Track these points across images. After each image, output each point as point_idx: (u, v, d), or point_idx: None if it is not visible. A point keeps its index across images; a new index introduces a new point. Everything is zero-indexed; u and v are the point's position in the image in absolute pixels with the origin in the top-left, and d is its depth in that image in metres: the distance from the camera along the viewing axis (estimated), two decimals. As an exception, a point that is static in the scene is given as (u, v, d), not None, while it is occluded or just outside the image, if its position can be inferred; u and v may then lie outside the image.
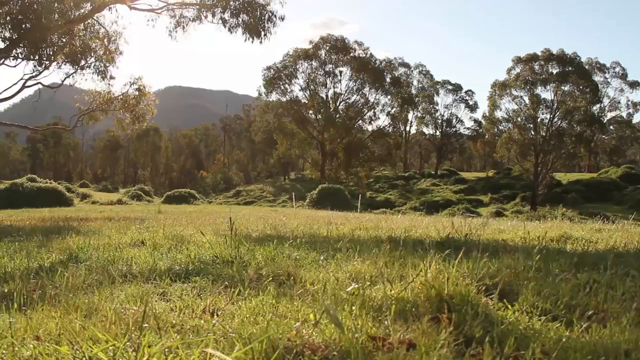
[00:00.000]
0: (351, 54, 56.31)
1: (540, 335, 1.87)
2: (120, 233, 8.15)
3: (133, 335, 1.67)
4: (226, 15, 19.08)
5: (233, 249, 3.83)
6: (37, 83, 20.46)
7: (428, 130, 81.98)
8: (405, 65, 67.30)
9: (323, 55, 56.54)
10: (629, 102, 60.36)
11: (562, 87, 54.22)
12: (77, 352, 1.48)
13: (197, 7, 20.28)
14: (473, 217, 12.92)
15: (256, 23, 17.22)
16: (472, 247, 4.77)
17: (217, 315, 2.15)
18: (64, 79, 21.58)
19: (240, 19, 18.31)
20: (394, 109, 59.28)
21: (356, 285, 2.41)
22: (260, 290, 2.55)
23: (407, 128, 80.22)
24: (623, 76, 58.50)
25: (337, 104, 58.38)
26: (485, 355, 1.49)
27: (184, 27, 20.83)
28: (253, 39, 17.89)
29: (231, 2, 18.73)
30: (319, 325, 1.72)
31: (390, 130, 60.10)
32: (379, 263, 3.35)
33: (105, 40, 20.83)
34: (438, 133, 79.74)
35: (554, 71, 54.58)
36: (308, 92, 58.09)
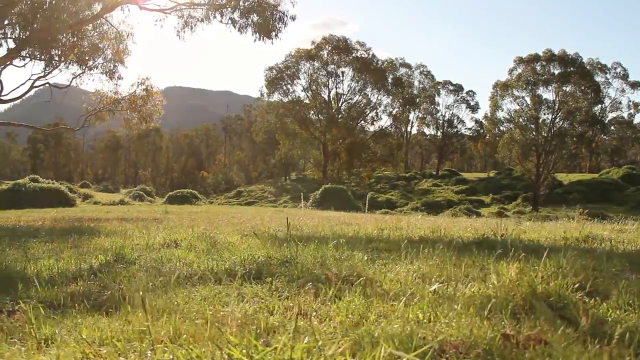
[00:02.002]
0: (353, 55, 56.32)
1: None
2: (143, 233, 8.14)
3: (248, 337, 1.65)
4: (236, 16, 19.08)
5: (288, 249, 3.82)
6: (46, 83, 20.43)
7: (429, 131, 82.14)
8: (407, 65, 67.34)
9: (325, 55, 56.55)
10: (630, 103, 60.46)
11: (564, 88, 54.31)
12: (219, 354, 1.46)
13: (206, 7, 20.29)
14: (489, 217, 12.91)
15: (267, 23, 17.22)
16: (512, 247, 4.76)
17: (312, 316, 2.14)
18: (72, 79, 21.57)
19: (250, 19, 18.31)
20: (396, 110, 59.36)
21: (440, 285, 2.42)
22: (340, 290, 2.54)
23: (408, 128, 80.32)
24: (624, 77, 58.57)
25: (339, 104, 58.39)
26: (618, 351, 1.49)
27: (192, 28, 20.82)
28: (263, 39, 17.91)
29: (241, 3, 18.73)
30: (437, 325, 1.72)
31: (392, 130, 60.15)
32: (445, 264, 3.34)
33: (114, 40, 20.80)
34: (439, 133, 79.85)
35: (556, 71, 54.65)
36: (310, 92, 58.08)
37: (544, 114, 55.92)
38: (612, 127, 61.70)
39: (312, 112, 59.68)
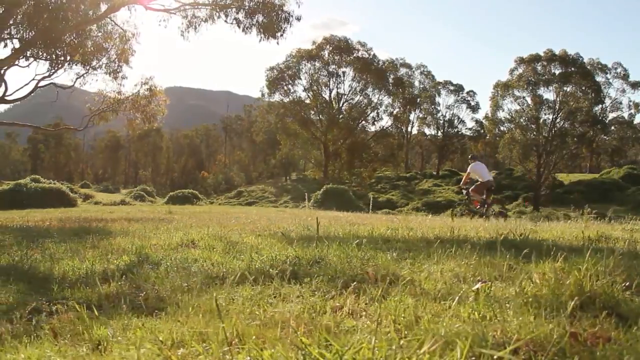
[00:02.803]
0: (354, 55, 56.34)
1: None
2: (157, 234, 8.13)
3: (320, 335, 1.64)
4: (240, 16, 19.06)
5: (317, 249, 3.82)
6: (50, 83, 20.41)
7: (429, 131, 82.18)
8: (407, 65, 67.43)
9: (326, 55, 56.56)
10: (631, 103, 60.44)
11: (565, 88, 54.38)
12: (301, 355, 1.46)
13: (210, 7, 20.27)
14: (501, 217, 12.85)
15: (272, 23, 17.23)
16: (537, 247, 4.77)
17: (363, 315, 2.15)
18: (76, 80, 21.55)
19: (255, 20, 18.31)
20: (397, 110, 59.41)
21: (482, 284, 2.42)
22: (381, 289, 2.53)
23: (409, 128, 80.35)
24: (625, 77, 58.59)
25: (340, 104, 58.42)
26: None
27: (195, 28, 20.80)
28: (268, 39, 17.91)
29: (246, 3, 18.72)
30: (496, 323, 1.72)
31: (393, 130, 60.20)
32: (478, 263, 3.35)
33: (118, 40, 20.80)
34: (440, 133, 79.88)
35: (557, 72, 54.72)
36: (311, 92, 58.09)
37: (545, 114, 56.02)
38: (613, 127, 61.70)
39: (312, 112, 59.71)
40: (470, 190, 13.45)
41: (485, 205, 13.23)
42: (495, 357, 1.30)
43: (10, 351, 1.95)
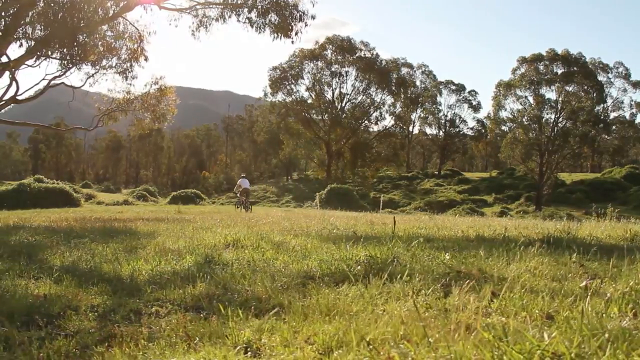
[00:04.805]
0: (357, 54, 56.33)
1: None
2: (188, 234, 8.11)
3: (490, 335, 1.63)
4: (253, 15, 18.99)
5: (391, 248, 3.82)
6: (61, 83, 20.35)
7: (431, 131, 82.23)
8: (408, 65, 67.49)
9: (329, 55, 56.54)
10: (632, 102, 60.58)
11: (567, 87, 54.45)
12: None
13: (222, 6, 20.19)
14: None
15: (286, 23, 17.18)
16: (585, 245, 4.78)
17: (494, 313, 2.14)
18: (86, 80, 21.48)
19: (267, 19, 18.24)
20: (400, 109, 59.41)
21: (590, 281, 2.42)
22: (490, 287, 2.53)
23: (410, 128, 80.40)
24: (626, 76, 58.73)
25: (343, 104, 58.42)
26: None
27: (206, 27, 20.71)
28: (281, 38, 17.85)
29: (258, 2, 18.66)
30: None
31: (396, 130, 60.23)
32: (557, 262, 3.35)
33: (128, 39, 20.71)
34: (441, 133, 79.94)
35: (559, 71, 54.77)
36: (314, 92, 58.06)
37: (547, 114, 56.09)
38: (614, 127, 61.82)
39: (313, 111, 59.70)
40: (239, 193, 23.49)
41: (247, 204, 22.92)
42: None
43: (159, 357, 1.92)
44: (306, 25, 17.15)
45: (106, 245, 6.21)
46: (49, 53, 18.82)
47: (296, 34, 17.23)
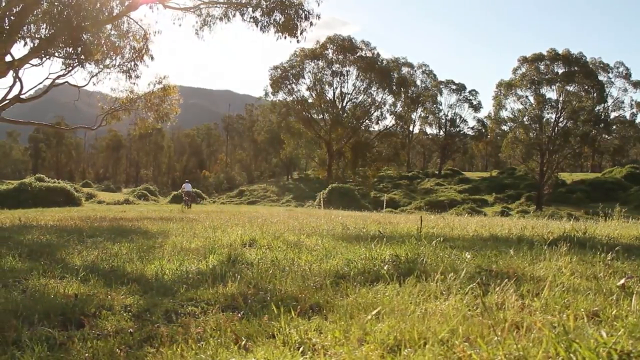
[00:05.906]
0: (358, 54, 56.35)
1: None
2: (201, 233, 8.10)
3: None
4: (257, 14, 18.95)
5: (417, 248, 3.82)
6: (65, 82, 20.30)
7: (431, 130, 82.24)
8: (409, 65, 67.47)
9: (330, 55, 56.56)
10: (633, 102, 60.59)
11: (568, 87, 54.49)
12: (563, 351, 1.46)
13: (226, 5, 20.15)
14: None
15: (291, 22, 17.14)
16: (603, 244, 4.77)
17: (532, 312, 2.14)
18: (90, 79, 21.44)
19: (272, 18, 18.20)
20: (400, 109, 59.43)
21: (628, 279, 2.42)
22: (529, 286, 2.53)
23: (411, 128, 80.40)
24: (627, 76, 58.73)
25: (344, 103, 58.45)
26: None
27: (210, 27, 20.66)
28: (286, 37, 17.82)
29: (262, 2, 18.62)
30: None
31: (397, 130, 60.25)
32: (585, 262, 3.35)
33: (132, 38, 20.66)
34: (442, 133, 79.95)
35: (560, 71, 54.81)
36: (315, 91, 58.06)
37: (548, 114, 56.14)
38: (614, 127, 61.85)
39: (314, 111, 59.70)
40: (183, 194, 28.33)
41: (188, 202, 26.93)
42: None
43: (211, 357, 1.91)
44: (312, 24, 17.12)
45: (121, 244, 6.20)
46: (53, 52, 18.82)
47: (301, 33, 17.20)
